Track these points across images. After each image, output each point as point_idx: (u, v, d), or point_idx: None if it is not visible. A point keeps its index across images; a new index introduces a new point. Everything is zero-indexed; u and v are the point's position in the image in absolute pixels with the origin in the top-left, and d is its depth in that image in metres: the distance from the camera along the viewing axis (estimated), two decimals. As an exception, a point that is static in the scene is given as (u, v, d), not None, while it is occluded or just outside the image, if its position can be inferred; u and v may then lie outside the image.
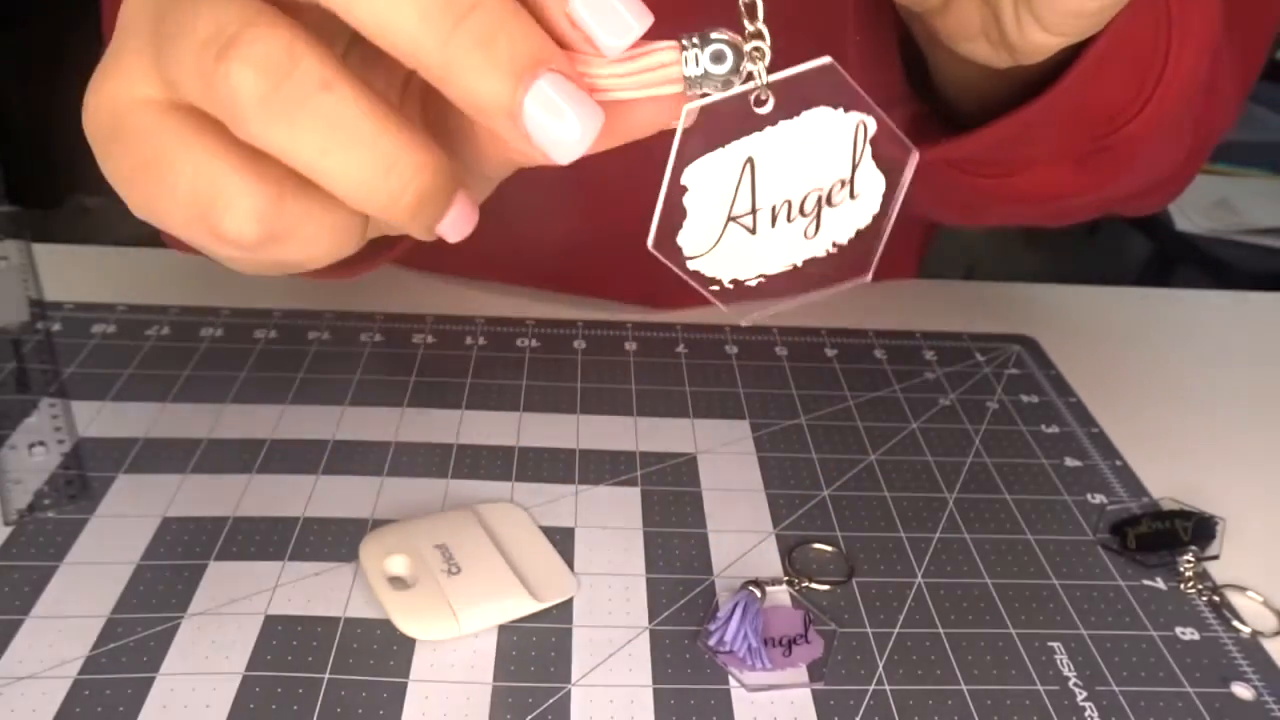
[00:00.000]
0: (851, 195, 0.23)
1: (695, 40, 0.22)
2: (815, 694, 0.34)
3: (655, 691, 0.34)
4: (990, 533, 0.42)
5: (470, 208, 0.23)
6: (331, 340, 0.52)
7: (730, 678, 0.35)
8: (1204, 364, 0.57)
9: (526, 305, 0.56)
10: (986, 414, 0.50)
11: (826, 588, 0.38)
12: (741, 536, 0.41)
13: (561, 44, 0.21)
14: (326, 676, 0.33)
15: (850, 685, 0.35)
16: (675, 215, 0.23)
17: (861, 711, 0.34)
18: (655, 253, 0.22)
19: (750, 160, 0.22)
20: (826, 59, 0.22)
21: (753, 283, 0.23)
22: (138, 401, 0.46)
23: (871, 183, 0.23)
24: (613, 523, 0.41)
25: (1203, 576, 0.40)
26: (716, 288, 0.23)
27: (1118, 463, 0.47)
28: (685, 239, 0.23)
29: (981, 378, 0.53)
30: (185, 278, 0.57)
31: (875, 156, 0.23)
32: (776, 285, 0.24)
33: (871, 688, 0.35)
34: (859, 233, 0.24)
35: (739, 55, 0.22)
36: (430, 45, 0.20)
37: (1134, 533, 0.42)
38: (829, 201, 0.23)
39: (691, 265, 0.23)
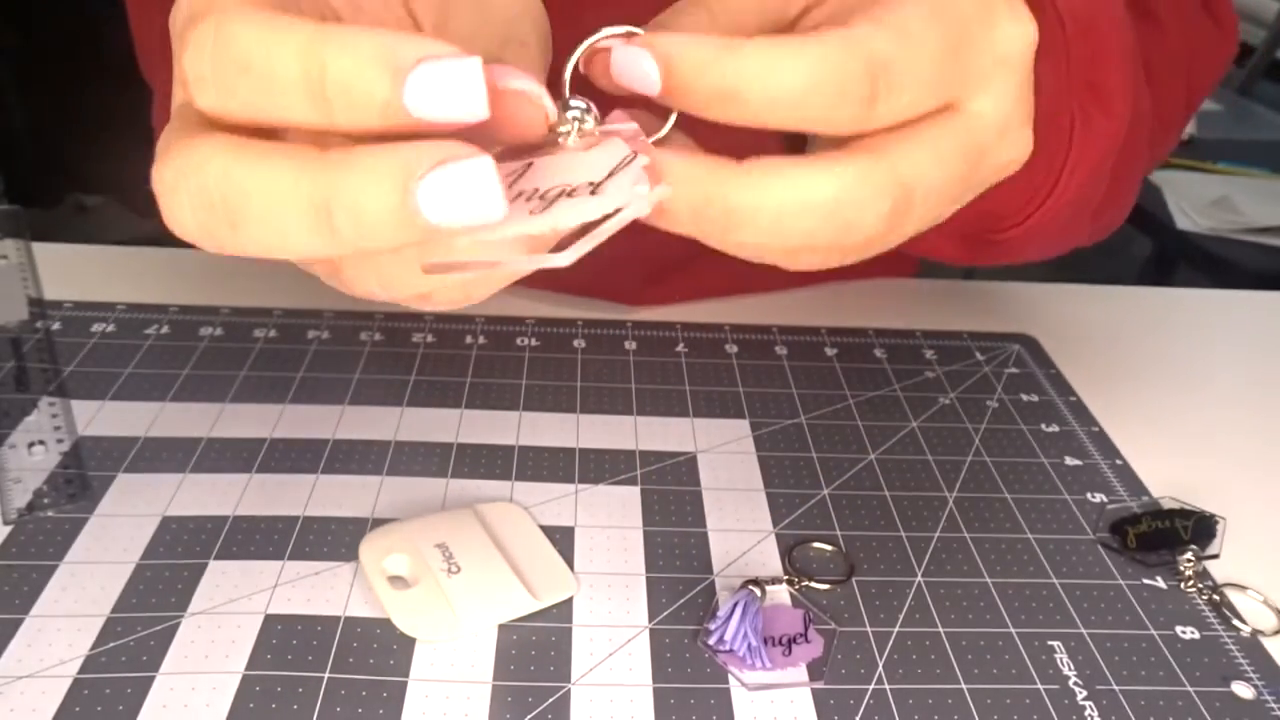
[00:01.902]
0: (592, 193, 0.24)
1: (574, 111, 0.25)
2: (815, 693, 0.34)
3: (655, 691, 0.34)
4: (990, 532, 0.42)
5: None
6: (331, 339, 0.52)
7: (730, 677, 0.34)
8: (1204, 363, 0.57)
9: (526, 304, 0.56)
10: (986, 413, 0.50)
11: (826, 587, 0.38)
12: (741, 535, 0.41)
13: None
14: (326, 676, 0.33)
15: (850, 685, 0.35)
16: None
17: (861, 711, 0.34)
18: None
19: (530, 163, 0.25)
20: (633, 125, 0.26)
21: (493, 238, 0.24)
22: (137, 400, 0.46)
23: (617, 195, 0.24)
24: (613, 522, 0.41)
25: (1203, 575, 0.40)
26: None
27: (1118, 461, 0.47)
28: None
29: (981, 377, 0.53)
30: (185, 277, 0.57)
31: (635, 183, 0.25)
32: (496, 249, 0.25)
33: (871, 687, 0.35)
34: (583, 225, 0.24)
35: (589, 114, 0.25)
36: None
37: (1134, 532, 0.42)
38: (569, 194, 0.24)
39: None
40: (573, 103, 0.26)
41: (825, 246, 0.26)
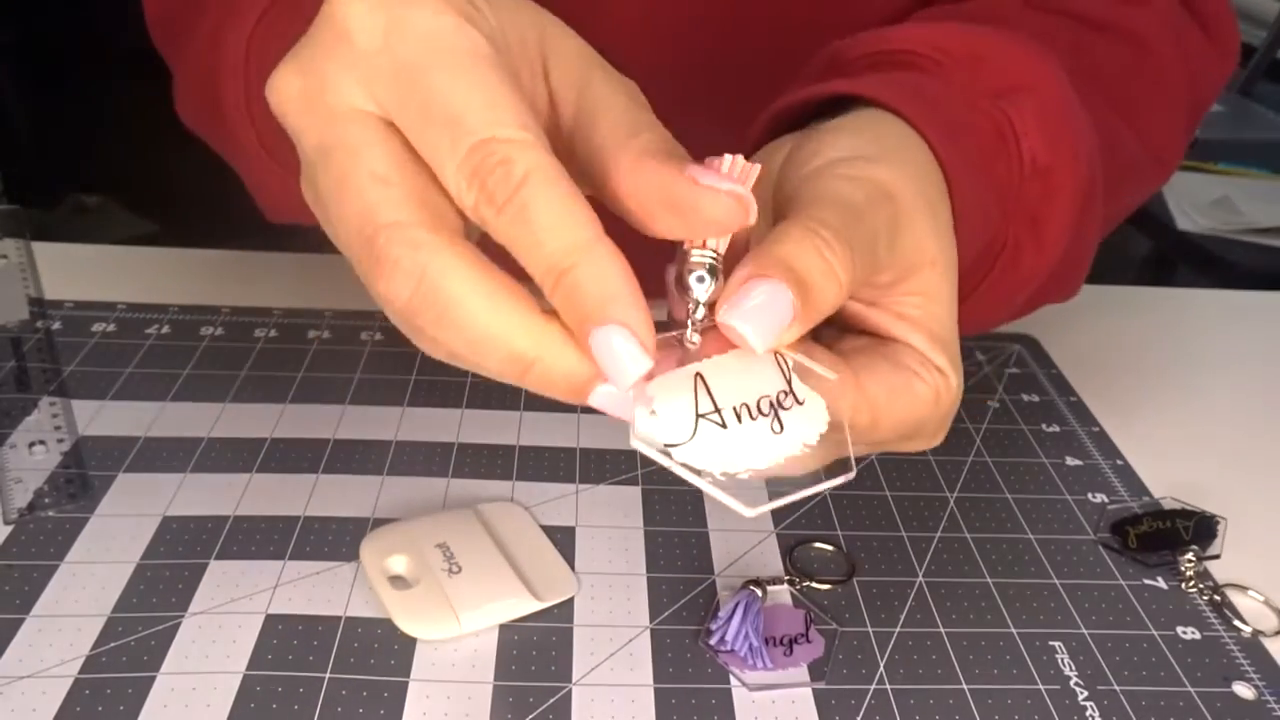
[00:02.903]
0: (798, 402, 0.27)
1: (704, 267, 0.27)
2: (816, 693, 0.34)
3: (656, 691, 0.34)
4: (991, 532, 0.42)
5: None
6: (332, 339, 0.52)
7: (731, 677, 0.34)
8: (1205, 363, 0.57)
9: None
10: (987, 413, 0.50)
11: (827, 587, 0.38)
12: (742, 536, 0.41)
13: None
14: (327, 676, 0.33)
15: (851, 684, 0.35)
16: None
17: (862, 711, 0.34)
18: (637, 443, 0.26)
19: (700, 374, 0.27)
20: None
21: (744, 476, 0.26)
22: (138, 400, 0.46)
23: (809, 396, 0.27)
24: (613, 522, 0.41)
25: (1204, 576, 0.40)
26: (710, 480, 0.26)
27: (1119, 462, 0.47)
28: (663, 431, 0.26)
29: (982, 377, 0.53)
30: (185, 276, 0.57)
31: (806, 383, 0.27)
32: (770, 483, 0.27)
33: (872, 687, 0.34)
34: (822, 436, 0.27)
35: (715, 275, 0.27)
36: (504, 378, 0.26)
37: (1135, 532, 0.42)
38: (781, 405, 0.27)
39: (676, 454, 0.26)
40: (702, 264, 0.27)
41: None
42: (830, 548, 0.40)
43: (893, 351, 0.30)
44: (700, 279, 0.26)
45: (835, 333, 0.31)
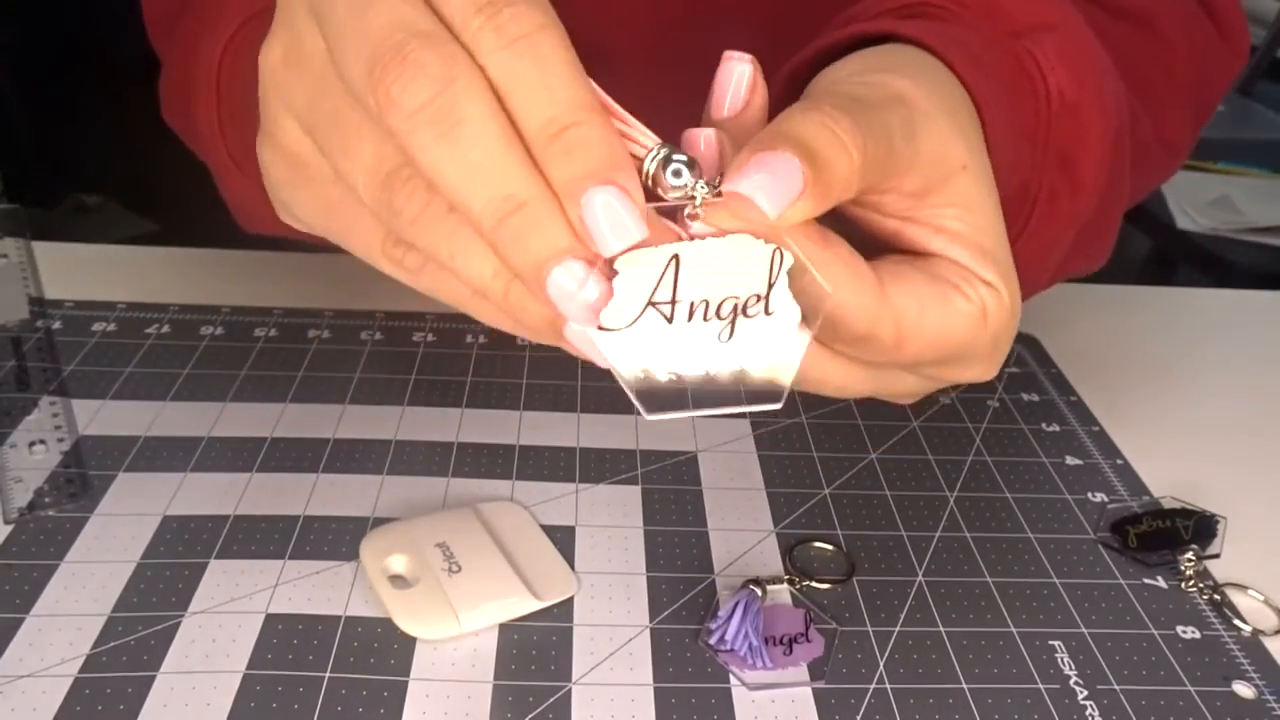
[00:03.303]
0: (766, 312, 0.25)
1: (661, 151, 0.24)
2: (816, 693, 0.34)
3: (656, 690, 0.34)
4: (991, 531, 0.42)
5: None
6: (332, 338, 0.52)
7: (731, 676, 0.34)
8: (1205, 362, 0.57)
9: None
10: (987, 412, 0.50)
11: (827, 586, 0.38)
12: (742, 535, 0.41)
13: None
14: (327, 675, 0.33)
15: (851, 684, 0.35)
16: None
17: (862, 710, 0.34)
18: (571, 330, 0.25)
19: (676, 257, 0.24)
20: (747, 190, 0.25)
21: (663, 377, 0.24)
22: (138, 400, 0.46)
23: (786, 308, 0.25)
24: (613, 521, 0.41)
25: (1204, 575, 0.40)
26: (629, 375, 0.24)
27: (1118, 461, 0.47)
28: (607, 311, 0.24)
29: (982, 376, 0.53)
30: (185, 276, 0.57)
31: (793, 289, 0.25)
32: (686, 392, 0.25)
33: (872, 686, 0.35)
34: (770, 359, 0.25)
35: (695, 171, 0.24)
36: (480, 223, 0.24)
37: (1135, 531, 0.42)
38: (744, 311, 0.25)
39: (606, 340, 0.24)
40: (674, 157, 0.24)
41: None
42: (830, 547, 0.40)
43: (931, 265, 0.28)
44: (685, 168, 0.24)
45: (869, 254, 0.29)
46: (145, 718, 0.32)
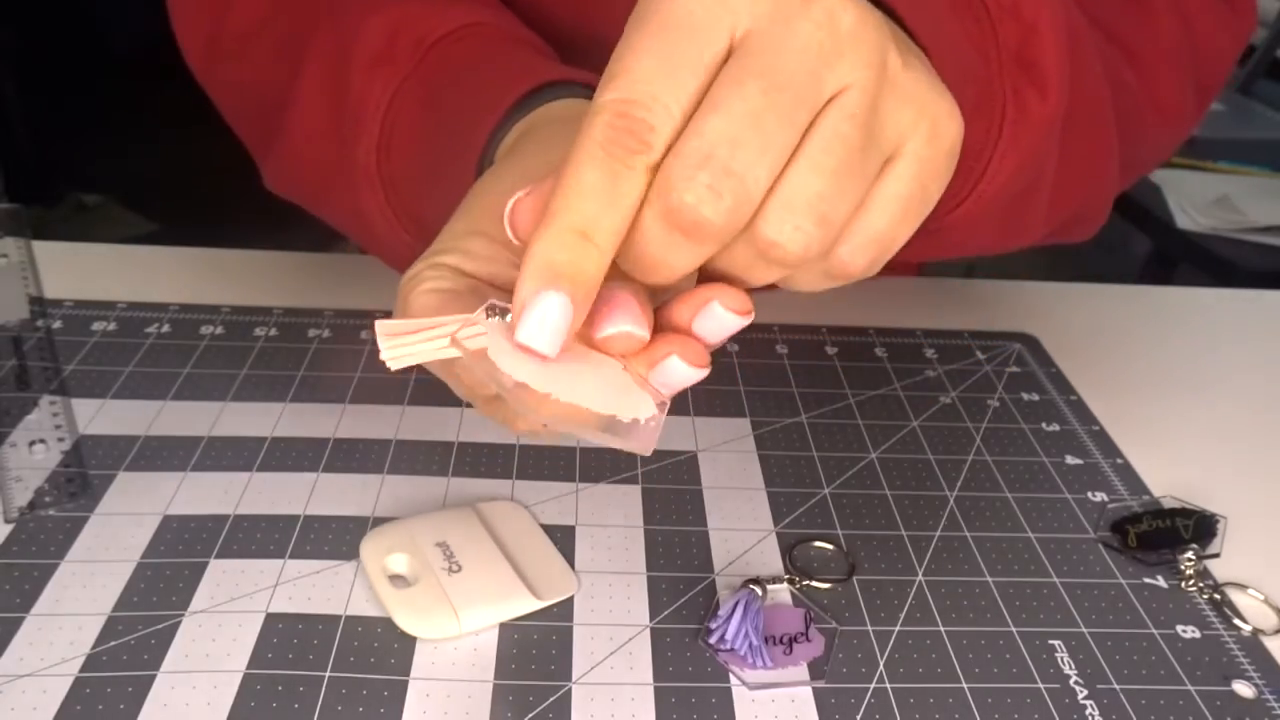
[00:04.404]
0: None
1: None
2: (816, 692, 0.34)
3: (656, 689, 0.34)
4: (991, 531, 0.42)
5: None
6: (332, 338, 0.52)
7: (731, 676, 0.34)
8: (1205, 362, 0.57)
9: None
10: (987, 412, 0.50)
11: (827, 586, 0.38)
12: (742, 534, 0.41)
13: None
14: (327, 674, 0.33)
15: (851, 683, 0.35)
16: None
17: (862, 709, 0.34)
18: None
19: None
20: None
21: (511, 384, 0.26)
22: (138, 399, 0.46)
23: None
24: (613, 521, 0.41)
25: (1203, 575, 0.40)
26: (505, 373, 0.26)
27: (1118, 461, 0.47)
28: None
29: (982, 375, 0.53)
30: (185, 275, 0.57)
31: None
32: (563, 410, 0.26)
33: (872, 686, 0.35)
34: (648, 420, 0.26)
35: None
36: None
37: (1135, 531, 0.42)
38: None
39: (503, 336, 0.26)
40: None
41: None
42: (830, 546, 0.40)
43: None
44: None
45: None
46: (145, 717, 0.32)
